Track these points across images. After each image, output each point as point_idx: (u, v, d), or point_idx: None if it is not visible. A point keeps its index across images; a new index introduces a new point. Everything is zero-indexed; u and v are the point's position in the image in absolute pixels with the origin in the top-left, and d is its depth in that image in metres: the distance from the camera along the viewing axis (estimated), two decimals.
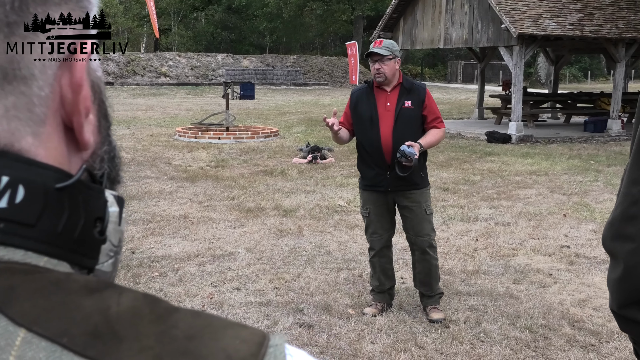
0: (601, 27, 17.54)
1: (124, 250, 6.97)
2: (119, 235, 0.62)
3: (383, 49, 5.09)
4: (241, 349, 0.52)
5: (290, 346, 0.56)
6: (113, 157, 0.66)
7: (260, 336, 0.54)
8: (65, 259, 0.55)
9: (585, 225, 8.30)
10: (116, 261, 0.62)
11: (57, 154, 0.57)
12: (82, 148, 0.59)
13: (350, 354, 4.69)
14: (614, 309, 1.70)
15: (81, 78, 0.57)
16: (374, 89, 5.23)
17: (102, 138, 0.63)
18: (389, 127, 5.10)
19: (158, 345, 0.50)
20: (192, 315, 0.54)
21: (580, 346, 4.86)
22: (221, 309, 5.46)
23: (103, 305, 0.51)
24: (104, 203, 0.59)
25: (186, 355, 0.50)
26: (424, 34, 20.00)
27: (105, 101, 0.64)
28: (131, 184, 10.58)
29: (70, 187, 0.55)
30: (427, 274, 5.36)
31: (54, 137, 0.57)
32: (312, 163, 12.75)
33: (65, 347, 0.48)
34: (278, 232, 7.86)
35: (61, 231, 0.54)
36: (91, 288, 0.52)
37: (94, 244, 0.58)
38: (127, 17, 56.50)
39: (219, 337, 0.53)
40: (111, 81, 37.27)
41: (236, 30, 56.58)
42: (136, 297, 0.53)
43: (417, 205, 5.21)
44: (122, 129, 18.28)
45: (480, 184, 11.06)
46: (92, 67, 0.62)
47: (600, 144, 16.94)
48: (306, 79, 43.28)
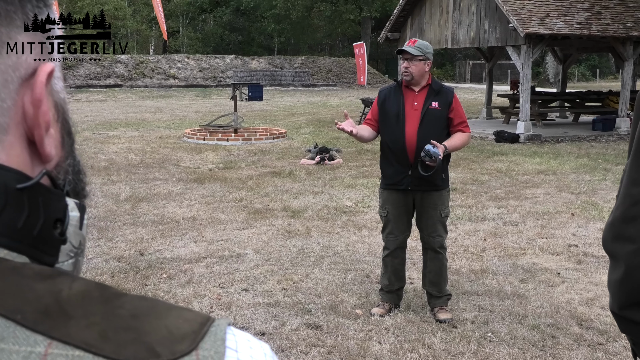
0: (609, 26, 17.50)
1: (133, 252, 7.01)
2: (80, 238, 0.66)
3: (415, 48, 5.14)
4: (183, 327, 0.57)
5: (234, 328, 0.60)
6: (78, 171, 0.71)
7: (204, 317, 0.59)
8: (25, 253, 0.59)
9: (594, 224, 8.28)
10: (77, 262, 0.67)
11: (20, 161, 0.61)
12: (44, 160, 0.64)
13: (358, 354, 4.71)
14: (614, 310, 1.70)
15: (41, 94, 0.62)
16: (403, 88, 5.26)
17: (66, 152, 0.68)
18: (414, 125, 5.13)
19: (104, 322, 0.55)
20: (138, 299, 0.59)
21: (588, 345, 4.86)
22: (229, 310, 5.49)
23: (55, 288, 0.56)
24: (64, 207, 0.64)
25: (129, 331, 0.55)
26: (431, 34, 19.98)
27: (68, 120, 0.69)
28: (140, 185, 10.63)
29: (30, 188, 0.60)
30: (438, 273, 5.38)
31: (16, 146, 0.61)
32: (320, 164, 12.76)
33: (18, 323, 0.53)
34: (286, 233, 7.88)
35: (21, 227, 0.58)
36: (45, 275, 0.57)
37: (54, 242, 0.62)
38: (135, 19, 56.61)
39: (163, 316, 0.57)
40: (120, 83, 37.37)
41: (244, 32, 56.65)
42: (88, 283, 0.58)
43: (434, 207, 5.25)
44: (131, 131, 18.34)
45: (488, 183, 11.05)
46: (55, 88, 0.66)
47: (608, 142, 16.89)
48: (314, 80, 43.27)
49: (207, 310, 5.48)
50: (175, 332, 0.56)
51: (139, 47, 57.11)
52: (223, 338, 0.58)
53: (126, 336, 0.54)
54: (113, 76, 37.92)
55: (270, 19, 53.08)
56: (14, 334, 0.52)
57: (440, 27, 19.71)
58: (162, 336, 0.55)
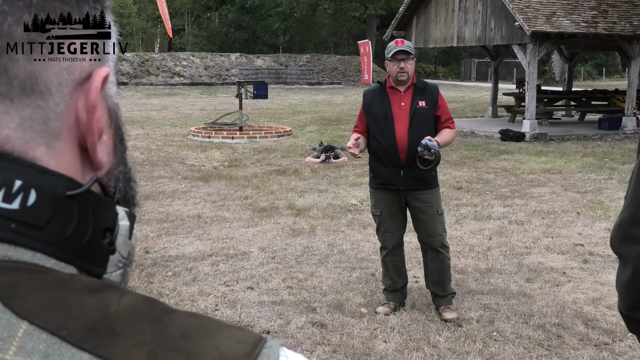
0: (615, 25, 17.44)
1: (138, 250, 7.01)
2: (129, 249, 0.64)
3: (407, 47, 5.16)
4: (235, 349, 0.54)
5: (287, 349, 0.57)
6: (129, 178, 0.69)
7: (256, 338, 0.56)
8: (73, 263, 0.57)
9: (600, 223, 8.26)
10: (125, 273, 0.64)
11: (70, 167, 0.60)
12: (95, 167, 0.62)
13: (363, 353, 4.70)
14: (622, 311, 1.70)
15: (95, 99, 0.60)
16: (387, 89, 5.26)
17: (118, 159, 0.66)
18: (404, 126, 5.14)
19: (153, 341, 0.52)
20: (189, 316, 0.56)
21: (593, 345, 4.85)
22: (234, 308, 5.49)
23: (103, 303, 0.53)
24: (114, 215, 0.62)
25: (179, 352, 0.52)
26: (437, 33, 19.95)
27: (121, 126, 0.68)
28: (145, 183, 10.64)
29: (80, 196, 0.58)
30: (440, 273, 5.36)
31: (67, 152, 0.59)
32: (325, 162, 12.76)
33: (64, 340, 0.50)
34: (291, 231, 7.88)
35: (69, 236, 0.57)
36: (93, 288, 0.55)
37: (102, 253, 0.60)
38: (141, 17, 56.65)
39: (214, 336, 0.54)
40: (125, 81, 37.43)
41: (249, 30, 56.68)
42: (137, 298, 0.56)
43: (429, 205, 5.23)
44: (136, 129, 18.36)
45: (493, 182, 11.03)
46: (109, 93, 0.65)
47: (614, 141, 16.84)
48: (319, 78, 43.28)
49: (212, 308, 5.49)
50: (227, 354, 0.53)
51: (144, 45, 57.18)
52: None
53: (176, 357, 0.52)
54: (118, 74, 37.98)
55: (275, 17, 53.07)
56: (59, 351, 0.50)
57: (446, 25, 19.67)
58: (213, 358, 0.53)
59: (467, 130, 18.11)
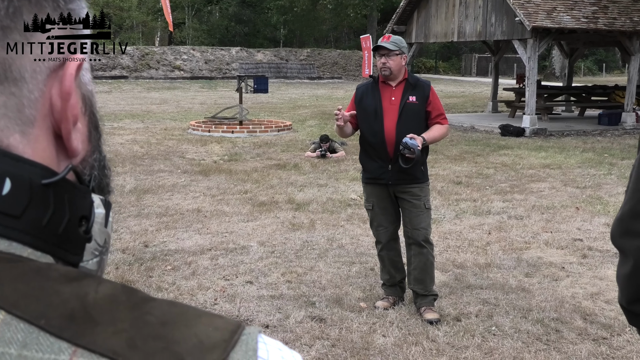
0: (615, 20, 17.43)
1: (137, 244, 7.02)
2: (105, 236, 0.64)
3: (391, 43, 5.17)
4: (213, 336, 0.54)
5: (265, 336, 0.58)
6: (104, 166, 0.69)
7: (235, 325, 0.56)
8: (49, 252, 0.57)
9: (599, 218, 8.27)
10: (101, 260, 0.65)
11: (45, 155, 0.59)
12: (70, 154, 0.62)
13: (362, 347, 4.71)
14: (623, 304, 1.71)
15: (70, 87, 0.60)
16: (379, 84, 5.28)
17: (93, 147, 0.66)
18: (393, 120, 5.15)
19: (132, 329, 0.52)
20: (167, 304, 0.56)
21: (592, 339, 4.86)
22: (233, 303, 5.50)
23: (81, 292, 0.53)
24: (90, 204, 0.62)
25: (159, 339, 0.52)
26: (437, 28, 19.93)
27: (96, 114, 0.67)
28: (145, 177, 10.64)
29: (56, 184, 0.57)
30: (423, 270, 5.28)
31: (42, 139, 0.59)
32: (324, 157, 12.74)
33: (42, 329, 0.50)
34: (291, 225, 7.89)
35: (45, 225, 0.56)
36: (70, 277, 0.55)
37: (79, 241, 0.60)
38: (141, 10, 56.53)
39: (193, 324, 0.55)
40: (125, 75, 37.40)
41: (250, 24, 56.59)
42: (114, 286, 0.56)
43: (417, 198, 5.22)
44: (136, 122, 18.36)
45: (493, 177, 11.04)
46: (83, 80, 0.65)
47: (614, 137, 16.84)
48: (320, 73, 43.25)
49: (212, 302, 5.50)
50: (206, 341, 0.54)
51: (145, 39, 57.09)
52: (254, 347, 0.56)
53: (155, 345, 0.52)
54: (118, 67, 37.96)
55: (275, 10, 52.97)
56: (38, 340, 0.50)
57: (446, 20, 19.65)
58: (192, 345, 0.53)
59: (467, 125, 18.11)
